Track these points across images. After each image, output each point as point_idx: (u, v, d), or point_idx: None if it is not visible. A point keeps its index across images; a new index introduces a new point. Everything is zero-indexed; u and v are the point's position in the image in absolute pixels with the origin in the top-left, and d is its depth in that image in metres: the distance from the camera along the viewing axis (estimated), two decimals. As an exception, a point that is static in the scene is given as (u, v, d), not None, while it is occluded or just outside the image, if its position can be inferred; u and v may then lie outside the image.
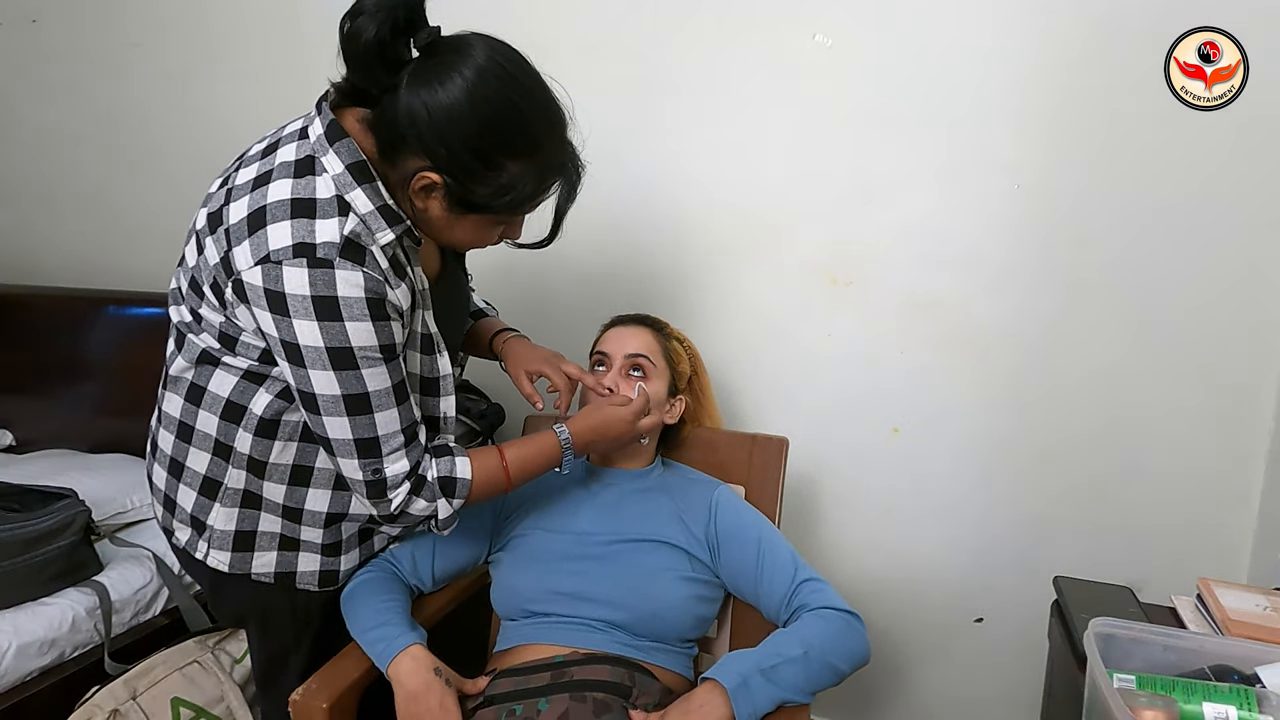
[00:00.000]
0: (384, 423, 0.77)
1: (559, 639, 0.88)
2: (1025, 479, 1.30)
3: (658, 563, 0.93)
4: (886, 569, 1.43)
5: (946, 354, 1.32)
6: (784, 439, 1.09)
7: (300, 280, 0.71)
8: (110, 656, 1.30)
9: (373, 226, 0.75)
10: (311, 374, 0.74)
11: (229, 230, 0.74)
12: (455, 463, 0.83)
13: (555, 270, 1.58)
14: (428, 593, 0.99)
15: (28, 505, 1.36)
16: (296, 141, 0.77)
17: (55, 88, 2.09)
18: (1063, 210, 1.21)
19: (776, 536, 0.96)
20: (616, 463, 1.05)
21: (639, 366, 1.03)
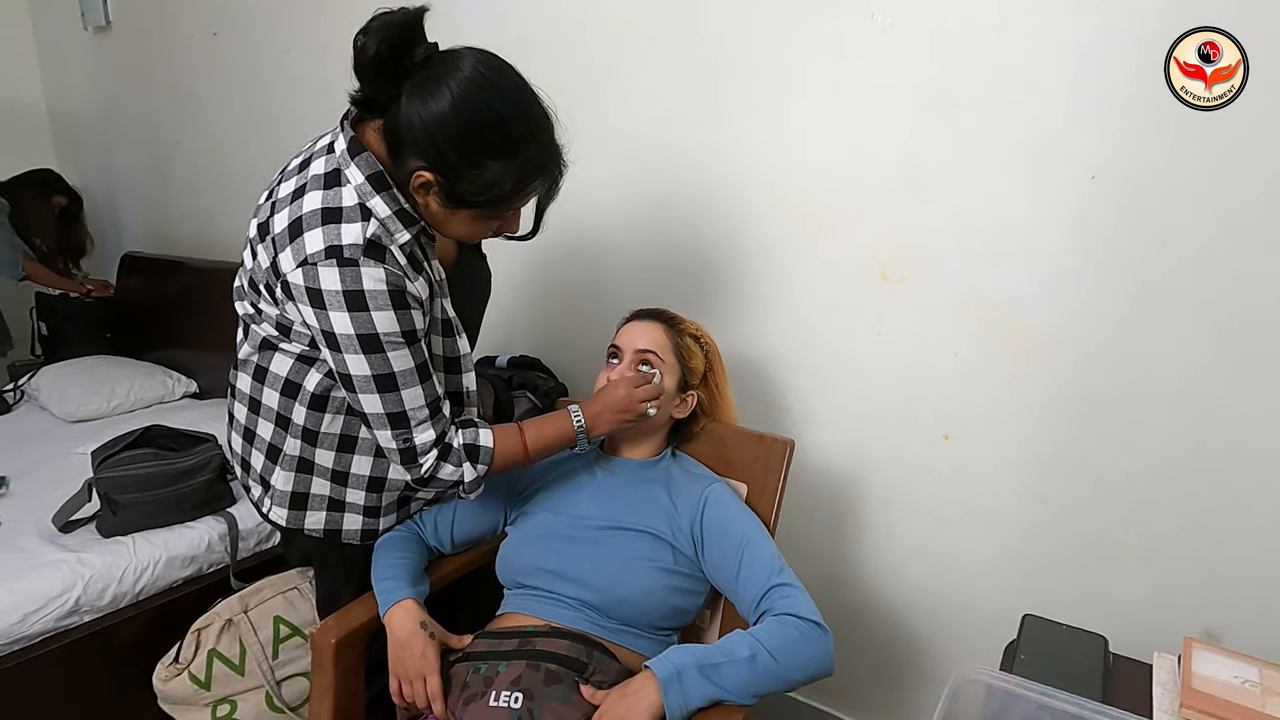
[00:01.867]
0: (410, 398, 0.88)
1: (535, 610, 0.96)
2: (1087, 497, 1.17)
3: (638, 551, 0.97)
4: (932, 579, 1.36)
5: (1003, 358, 1.21)
6: (789, 441, 1.08)
7: (332, 278, 0.83)
8: (234, 575, 1.58)
9: (391, 229, 0.87)
10: (346, 358, 0.86)
11: (275, 238, 0.87)
12: (479, 433, 0.94)
13: (613, 257, 1.64)
14: (447, 554, 1.11)
15: (181, 446, 1.67)
16: (325, 156, 0.90)
17: (233, 91, 2.45)
18: (1141, 205, 1.06)
19: (762, 539, 0.96)
20: (625, 451, 1.09)
21: (647, 362, 1.06)
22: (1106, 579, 1.17)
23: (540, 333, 1.82)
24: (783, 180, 1.38)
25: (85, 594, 1.42)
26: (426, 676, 0.90)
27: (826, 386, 1.41)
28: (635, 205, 1.59)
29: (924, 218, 1.24)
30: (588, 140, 1.63)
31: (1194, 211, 1.03)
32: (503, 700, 0.83)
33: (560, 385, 1.75)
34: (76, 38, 2.96)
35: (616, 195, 1.60)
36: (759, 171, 1.40)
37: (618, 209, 1.61)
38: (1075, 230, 1.11)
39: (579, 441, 1.00)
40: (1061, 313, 1.14)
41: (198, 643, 1.43)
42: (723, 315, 1.48)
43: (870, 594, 1.43)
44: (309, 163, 0.91)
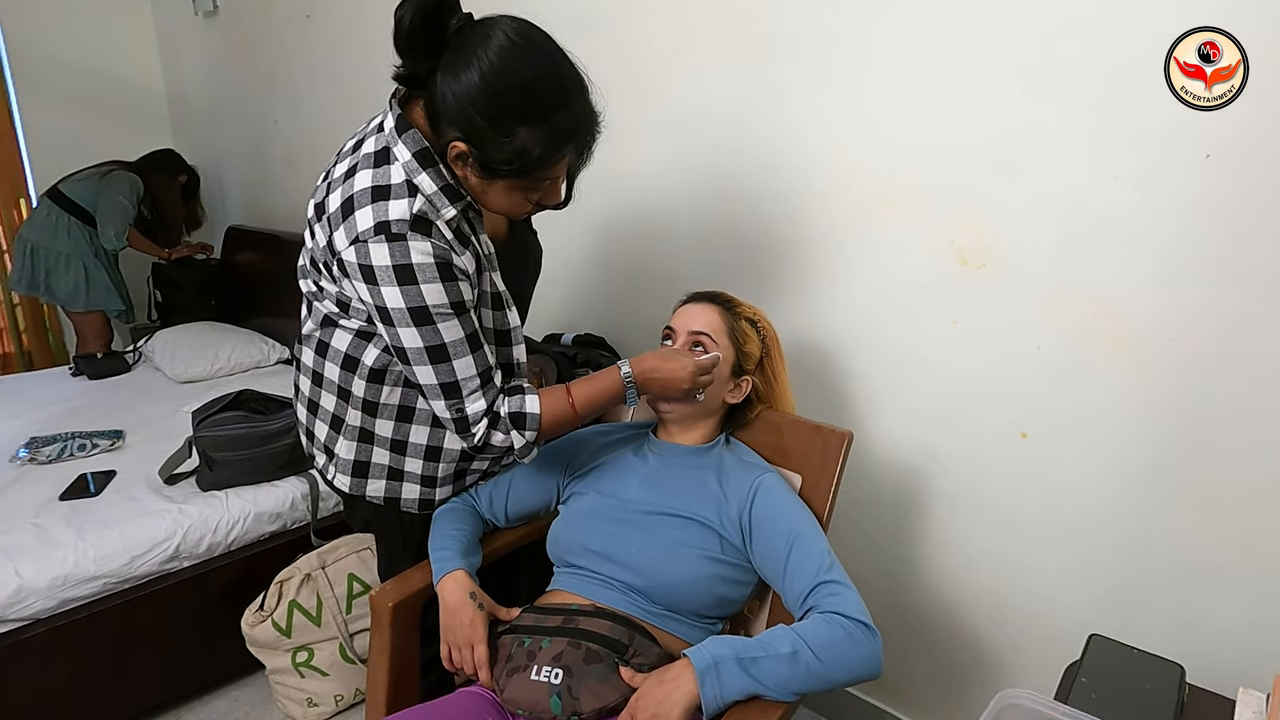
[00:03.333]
0: (461, 368, 0.91)
1: (581, 590, 0.97)
2: (1186, 512, 1.07)
3: (684, 538, 0.96)
4: (1002, 584, 1.29)
5: (1094, 354, 1.11)
6: (847, 433, 1.04)
7: (383, 253, 0.85)
8: (314, 532, 1.69)
9: (437, 204, 0.89)
10: (399, 331, 0.89)
11: (330, 218, 0.91)
12: (525, 400, 0.96)
13: (677, 237, 1.61)
14: (501, 528, 1.14)
15: (269, 410, 1.79)
16: (375, 135, 0.92)
17: (324, 72, 2.56)
18: (1268, 186, 0.94)
19: (813, 532, 0.93)
20: (678, 436, 1.08)
21: (700, 344, 1.05)
22: (1198, 602, 1.07)
23: (605, 311, 1.83)
24: (853, 158, 1.31)
25: (185, 542, 1.55)
26: (474, 645, 0.94)
27: (894, 376, 1.35)
28: (701, 185, 1.55)
29: (1011, 199, 1.15)
30: (655, 118, 1.63)
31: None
32: (543, 675, 0.85)
33: (623, 364, 1.76)
34: (189, 23, 3.17)
35: (682, 174, 1.57)
36: (828, 149, 1.34)
37: (683, 188, 1.58)
38: (1188, 215, 1.00)
39: (629, 398, 1.00)
40: (1168, 307, 1.04)
41: (280, 593, 1.54)
42: (786, 297, 1.44)
43: (931, 593, 1.37)
44: (361, 143, 0.93)
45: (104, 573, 1.45)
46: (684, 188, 1.58)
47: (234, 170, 3.27)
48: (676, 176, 1.59)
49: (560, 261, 1.87)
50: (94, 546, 1.46)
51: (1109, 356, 1.11)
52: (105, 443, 1.90)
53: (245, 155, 3.15)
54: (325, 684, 1.58)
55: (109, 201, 2.71)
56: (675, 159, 1.58)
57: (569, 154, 0.89)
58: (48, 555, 1.42)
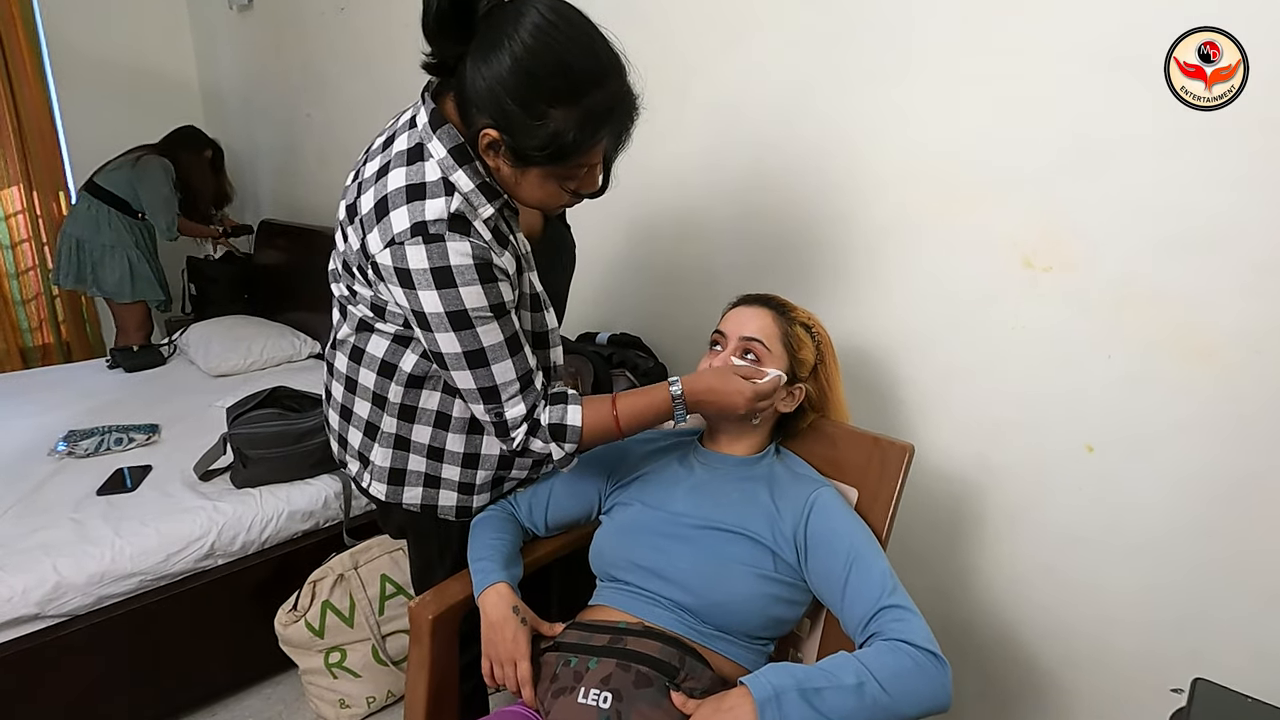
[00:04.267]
0: (500, 373, 0.87)
1: (628, 607, 0.93)
2: (1271, 538, 1.00)
3: (737, 555, 0.92)
4: (1060, 603, 1.23)
5: (1172, 364, 1.05)
6: (908, 446, 0.98)
7: (420, 256, 0.81)
8: (347, 532, 1.67)
9: (475, 203, 0.85)
10: (438, 336, 0.85)
11: (362, 220, 0.87)
12: (568, 410, 0.92)
13: (721, 234, 1.56)
14: (541, 537, 1.10)
15: (303, 407, 1.77)
16: (407, 131, 0.88)
17: (357, 66, 2.54)
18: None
19: (873, 552, 0.88)
20: (726, 446, 1.04)
21: (752, 351, 1.00)
22: None
23: (642, 311, 1.78)
24: (907, 155, 1.25)
25: (219, 539, 1.54)
26: (517, 661, 0.90)
27: (948, 384, 1.29)
28: (741, 182, 1.50)
29: (1084, 198, 1.08)
30: (694, 113, 1.57)
31: None
32: (591, 698, 0.81)
33: (660, 365, 1.71)
34: (223, 17, 3.18)
35: (728, 169, 1.52)
36: (879, 146, 1.28)
37: (728, 184, 1.53)
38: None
39: (676, 417, 0.96)
40: (1257, 316, 0.96)
41: (314, 593, 1.53)
42: (831, 301, 1.38)
43: (985, 611, 1.31)
44: (392, 140, 0.89)
45: (140, 570, 1.45)
46: (723, 185, 1.53)
47: (266, 164, 3.28)
48: (715, 173, 1.54)
49: (595, 259, 1.83)
50: (130, 543, 1.46)
51: (1188, 367, 1.04)
52: (141, 437, 1.91)
53: (278, 149, 3.15)
54: (357, 685, 1.57)
55: (151, 194, 2.73)
56: (714, 156, 1.53)
57: (605, 137, 0.84)
58: (85, 552, 1.42)
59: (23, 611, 1.32)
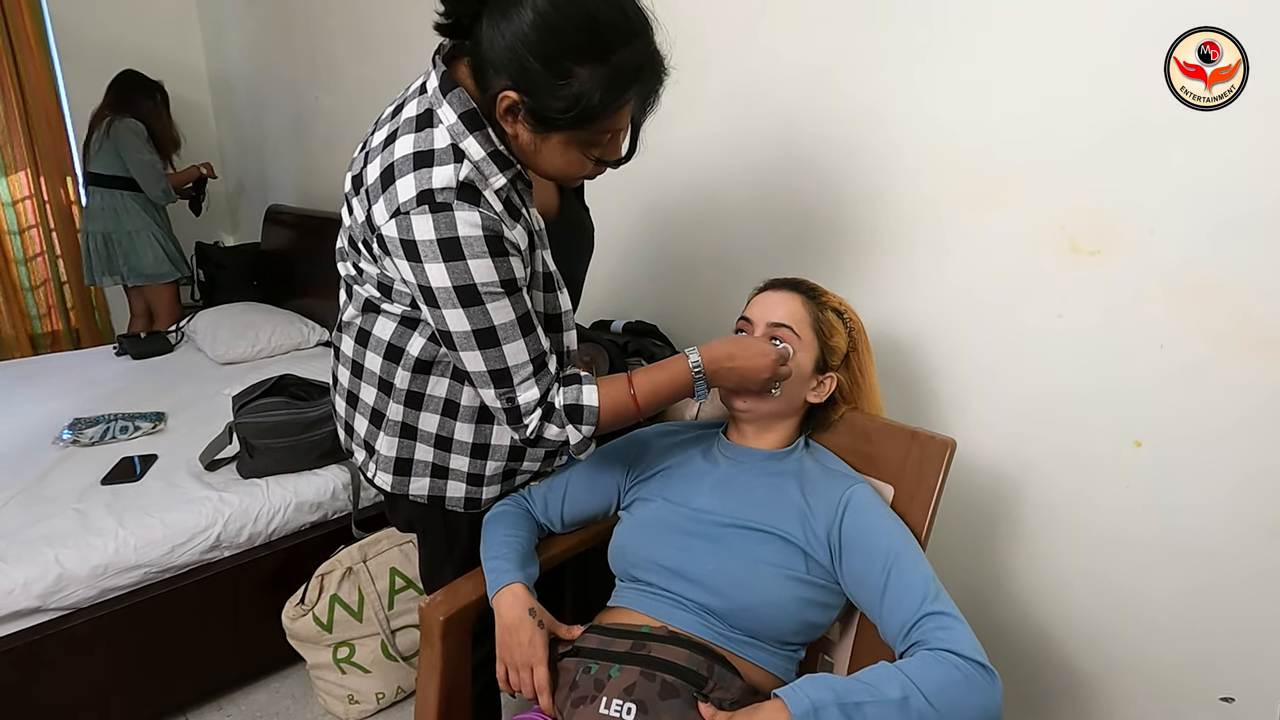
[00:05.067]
0: (512, 354, 0.81)
1: (651, 610, 0.88)
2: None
3: (767, 556, 0.86)
4: (1102, 606, 1.16)
5: (1232, 356, 0.98)
6: (950, 440, 0.92)
7: (426, 226, 0.76)
8: (356, 524, 1.63)
9: (485, 172, 0.79)
10: (445, 313, 0.79)
11: (368, 190, 0.82)
12: (582, 391, 0.86)
13: (735, 218, 1.50)
14: (557, 533, 1.05)
15: (310, 396, 1.73)
16: (417, 97, 0.82)
17: (366, 48, 2.48)
18: None
19: (913, 553, 0.83)
20: (752, 439, 0.98)
21: (780, 338, 0.94)
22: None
23: (658, 298, 1.73)
24: (948, 132, 1.18)
25: (225, 531, 1.51)
26: (534, 667, 0.85)
27: (987, 374, 1.22)
28: (769, 163, 1.43)
29: (1138, 178, 1.01)
30: (717, 90, 1.51)
31: None
32: (614, 709, 0.76)
33: (678, 355, 1.66)
34: (231, 1, 3.12)
35: (750, 151, 1.46)
36: (914, 124, 1.21)
37: (750, 166, 1.46)
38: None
39: (697, 391, 0.90)
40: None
41: (321, 587, 1.49)
42: (863, 286, 1.32)
43: (1020, 614, 1.25)
44: (402, 107, 0.84)
45: (145, 562, 1.41)
46: (744, 168, 1.46)
47: (275, 150, 3.23)
48: (736, 156, 1.47)
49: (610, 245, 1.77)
50: (135, 535, 1.42)
51: (1247, 359, 0.97)
52: (147, 425, 1.87)
53: (287, 134, 3.10)
54: (367, 681, 1.53)
55: (135, 163, 2.66)
56: (736, 137, 1.46)
57: (633, 99, 0.78)
58: (88, 543, 1.38)
59: (24, 604, 1.29)
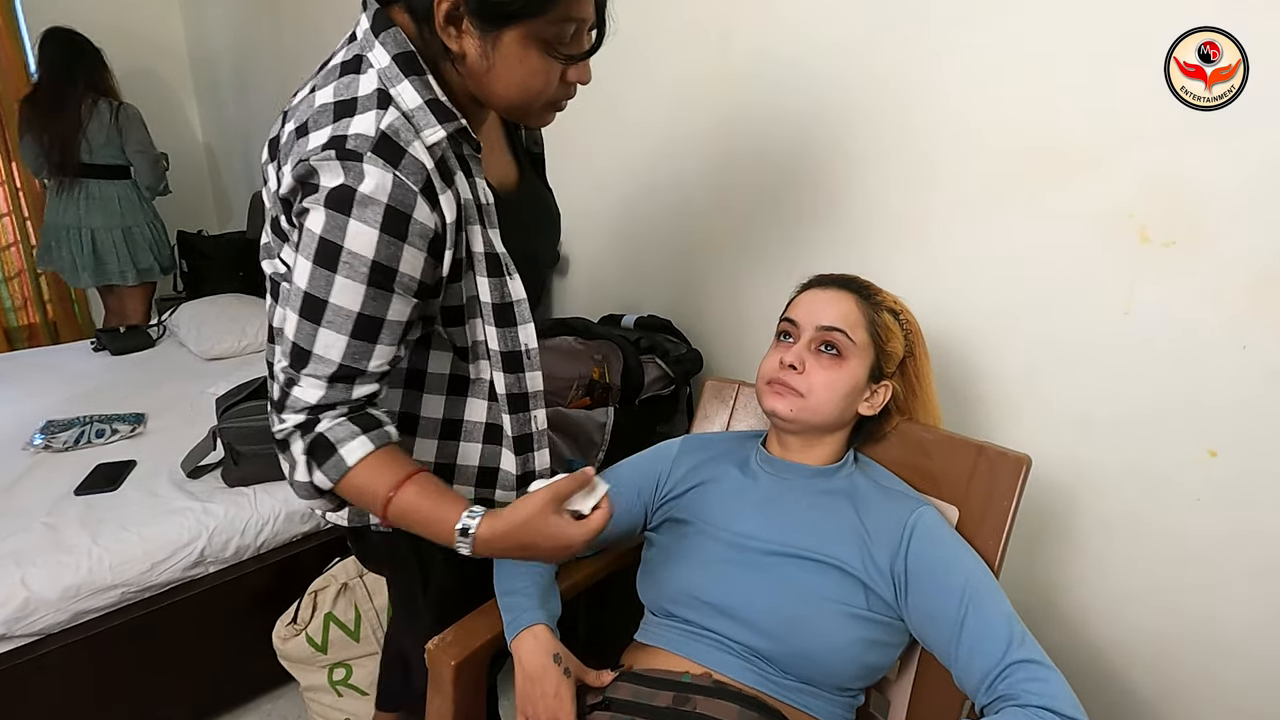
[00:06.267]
0: (324, 343, 0.66)
1: (693, 653, 0.78)
2: None
3: (823, 590, 0.76)
4: (1168, 628, 1.07)
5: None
6: (1024, 457, 0.82)
7: (328, 172, 0.63)
8: (351, 534, 1.52)
9: (419, 123, 0.66)
10: (298, 259, 0.65)
11: (282, 150, 0.69)
12: (354, 441, 0.68)
13: (764, 207, 1.39)
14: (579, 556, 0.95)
15: (300, 397, 1.61)
16: (346, 45, 0.70)
17: (353, 22, 2.34)
18: None
19: (991, 588, 0.73)
20: (797, 453, 0.88)
21: (833, 343, 0.83)
22: None
23: (672, 290, 1.61)
24: (1002, 108, 1.07)
25: (210, 545, 1.40)
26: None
27: (1040, 375, 1.12)
28: (791, 143, 1.32)
29: (1219, 160, 0.91)
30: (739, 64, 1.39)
31: None
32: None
33: (694, 351, 1.55)
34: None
35: (773, 132, 1.34)
36: (965, 99, 1.10)
37: (773, 147, 1.35)
38: None
39: (458, 546, 0.70)
40: None
41: (315, 605, 1.39)
42: (899, 278, 1.18)
43: (1072, 634, 1.17)
44: (330, 60, 0.72)
45: (122, 581, 1.30)
46: (769, 147, 1.35)
47: (262, 132, 3.08)
48: (758, 138, 1.36)
49: (618, 232, 1.66)
50: (110, 551, 1.30)
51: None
52: (125, 428, 1.75)
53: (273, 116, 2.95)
54: (365, 704, 1.43)
55: (145, 154, 2.53)
56: (758, 117, 1.35)
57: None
58: (59, 562, 1.27)
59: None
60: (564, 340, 1.50)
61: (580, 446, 1.41)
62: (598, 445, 1.38)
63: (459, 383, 0.79)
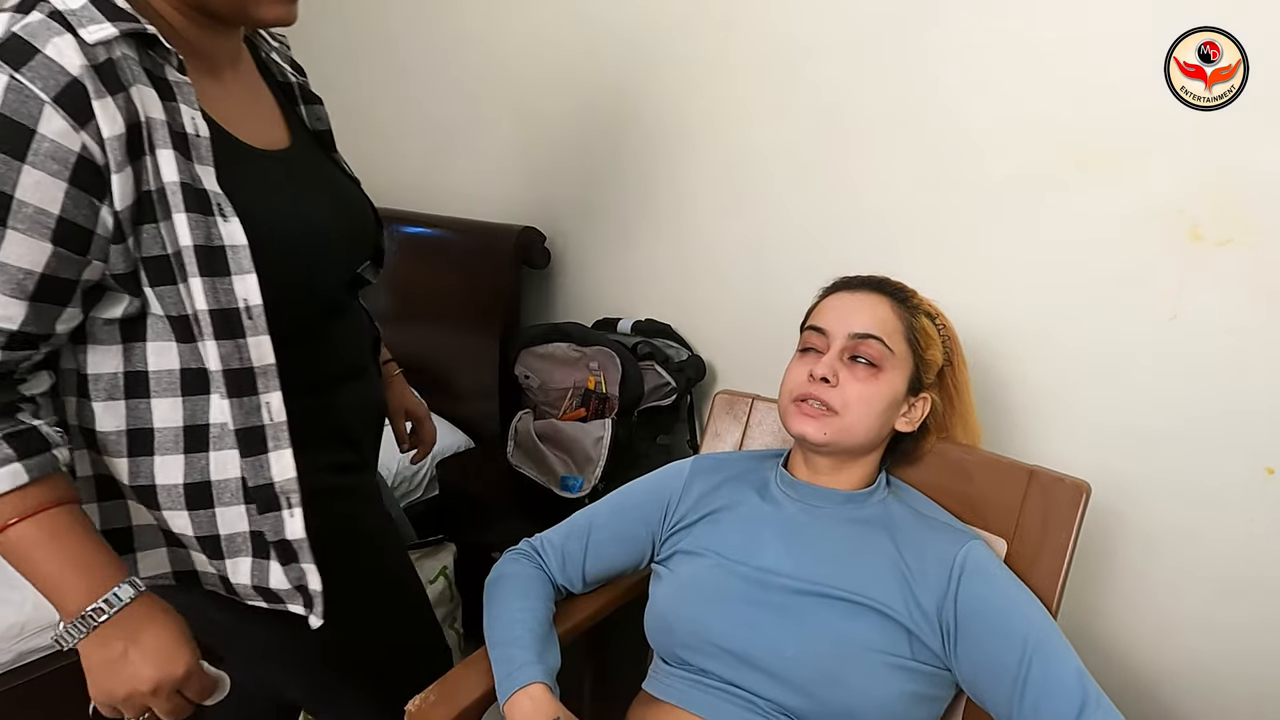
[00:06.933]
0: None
1: (711, 712, 0.68)
2: None
3: (864, 637, 0.67)
4: (1217, 657, 1.00)
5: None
6: (1084, 485, 0.73)
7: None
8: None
9: (77, 21, 0.53)
10: None
11: None
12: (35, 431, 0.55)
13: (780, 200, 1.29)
14: (578, 594, 0.85)
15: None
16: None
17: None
18: None
19: (1056, 638, 0.64)
20: (824, 477, 0.78)
21: (865, 354, 0.74)
22: None
23: (672, 292, 1.51)
24: (1040, 96, 0.99)
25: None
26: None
27: (1076, 383, 1.04)
28: (803, 132, 1.23)
29: None
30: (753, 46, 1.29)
31: None
32: None
33: (696, 357, 1.46)
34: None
35: (783, 126, 1.25)
36: (994, 85, 1.02)
37: (787, 138, 1.25)
38: None
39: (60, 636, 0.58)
40: None
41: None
42: (923, 279, 1.10)
43: (1109, 661, 1.08)
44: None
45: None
46: (782, 138, 1.26)
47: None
48: (772, 124, 1.26)
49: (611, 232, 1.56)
50: (59, 584, 1.17)
51: None
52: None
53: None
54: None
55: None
56: (769, 101, 1.26)
57: None
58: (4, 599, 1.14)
59: None
60: (557, 347, 1.40)
61: (576, 462, 1.31)
62: (594, 461, 1.28)
63: (195, 378, 0.61)
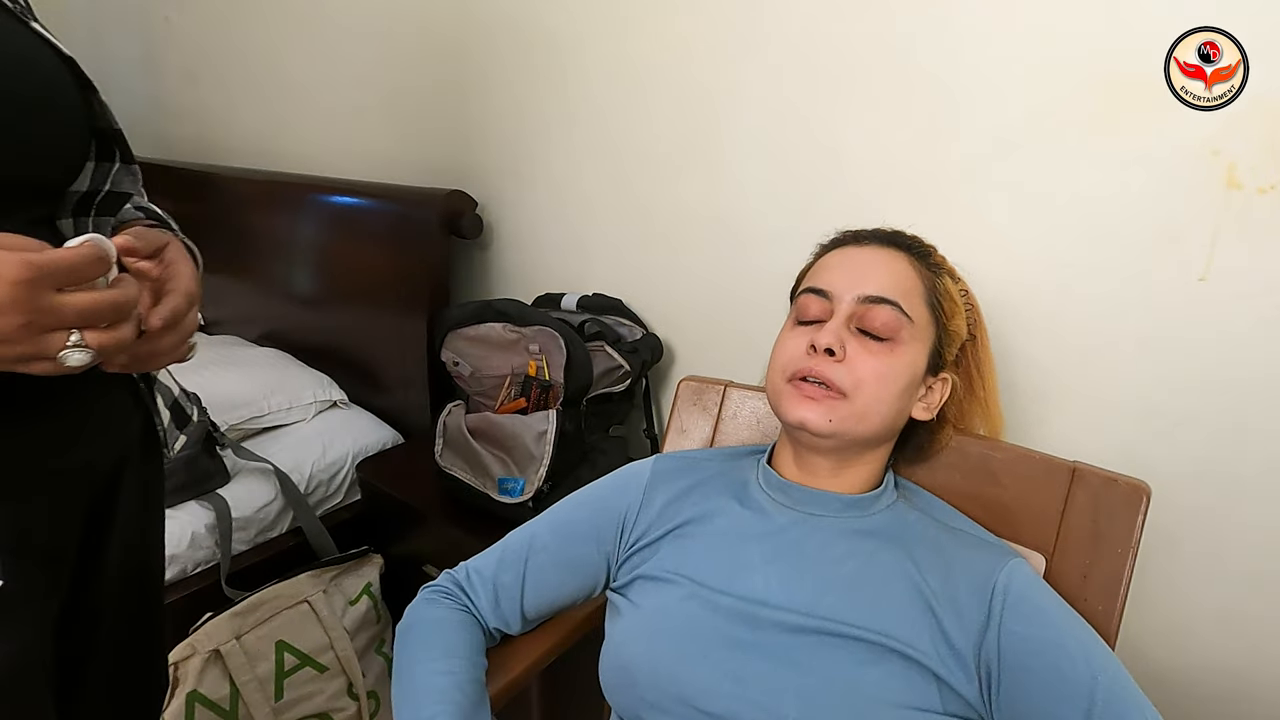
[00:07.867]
0: None
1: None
2: None
3: (884, 687, 0.51)
4: (1241, 655, 0.90)
5: None
6: (1143, 486, 0.60)
7: None
8: (228, 580, 1.21)
9: None
10: None
11: None
12: None
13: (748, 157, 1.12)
14: (516, 635, 0.68)
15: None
16: None
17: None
18: None
19: (1125, 685, 0.51)
20: (823, 477, 0.62)
21: (873, 327, 0.58)
22: None
23: (623, 263, 1.34)
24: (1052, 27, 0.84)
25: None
26: None
27: (1091, 357, 0.91)
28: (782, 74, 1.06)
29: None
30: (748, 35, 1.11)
31: None
32: None
33: (651, 336, 1.29)
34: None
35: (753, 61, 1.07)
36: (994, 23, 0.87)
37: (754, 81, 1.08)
38: None
39: None
40: None
41: (175, 681, 1.07)
42: None
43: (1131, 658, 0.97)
44: None
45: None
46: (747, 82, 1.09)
47: (122, 85, 2.60)
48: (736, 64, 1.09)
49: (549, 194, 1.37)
50: None
51: None
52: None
53: (135, 65, 2.49)
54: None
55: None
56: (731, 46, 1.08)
57: None
58: None
59: None
60: (491, 328, 1.21)
61: (516, 461, 1.13)
62: (537, 459, 1.10)
63: None
